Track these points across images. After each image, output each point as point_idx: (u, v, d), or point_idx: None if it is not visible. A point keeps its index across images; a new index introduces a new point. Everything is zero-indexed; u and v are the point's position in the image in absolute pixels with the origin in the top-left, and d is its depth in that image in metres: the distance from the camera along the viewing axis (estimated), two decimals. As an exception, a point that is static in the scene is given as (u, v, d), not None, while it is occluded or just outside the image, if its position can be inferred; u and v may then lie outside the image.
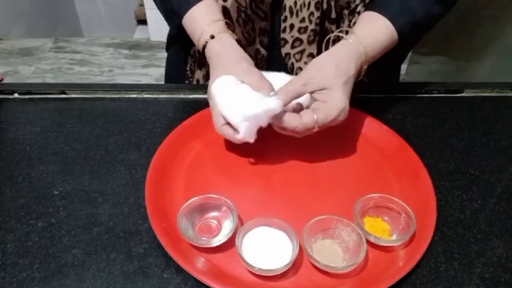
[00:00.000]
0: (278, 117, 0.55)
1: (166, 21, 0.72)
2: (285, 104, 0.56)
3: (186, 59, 0.80)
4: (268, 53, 0.72)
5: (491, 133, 0.70)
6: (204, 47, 0.62)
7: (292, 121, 0.55)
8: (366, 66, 0.60)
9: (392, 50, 0.64)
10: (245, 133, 0.56)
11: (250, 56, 0.62)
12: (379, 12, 0.62)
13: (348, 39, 0.59)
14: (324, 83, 0.56)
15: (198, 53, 0.74)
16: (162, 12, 0.71)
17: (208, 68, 0.63)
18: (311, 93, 0.57)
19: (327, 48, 0.61)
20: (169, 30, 0.80)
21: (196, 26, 0.63)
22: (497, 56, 1.39)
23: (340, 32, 0.63)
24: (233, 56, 0.60)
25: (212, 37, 0.61)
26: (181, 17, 0.65)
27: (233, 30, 0.66)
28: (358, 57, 0.58)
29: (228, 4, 0.66)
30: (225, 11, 0.66)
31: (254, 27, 0.69)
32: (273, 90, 0.57)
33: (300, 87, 0.56)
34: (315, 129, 0.56)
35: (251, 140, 0.57)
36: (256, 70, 0.59)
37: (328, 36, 0.64)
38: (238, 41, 0.64)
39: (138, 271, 0.49)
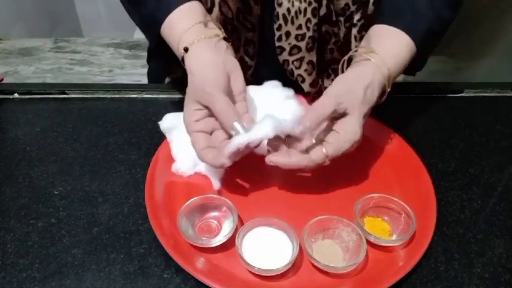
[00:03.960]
0: (283, 156, 0.52)
1: (143, 32, 0.63)
2: (313, 129, 0.52)
3: (166, 74, 0.77)
4: (258, 62, 0.69)
5: (491, 133, 0.70)
6: (183, 61, 0.55)
7: (301, 161, 0.52)
8: (389, 89, 0.56)
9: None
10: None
11: None
12: (393, 25, 0.57)
13: (372, 61, 0.55)
14: (349, 108, 0.52)
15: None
16: (137, 20, 0.63)
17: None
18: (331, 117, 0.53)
19: (342, 70, 0.57)
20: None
21: (174, 36, 0.56)
22: (497, 56, 1.39)
23: (356, 50, 0.58)
24: (200, 79, 0.52)
25: (186, 50, 0.54)
26: (160, 24, 0.56)
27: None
28: (383, 82, 0.55)
29: (214, 16, 0.61)
30: None
31: (240, 38, 0.66)
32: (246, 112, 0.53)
33: (331, 113, 0.52)
34: (326, 163, 0.53)
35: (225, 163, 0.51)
36: (221, 95, 0.51)
37: (345, 57, 0.59)
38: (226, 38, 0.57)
39: (138, 271, 0.49)
